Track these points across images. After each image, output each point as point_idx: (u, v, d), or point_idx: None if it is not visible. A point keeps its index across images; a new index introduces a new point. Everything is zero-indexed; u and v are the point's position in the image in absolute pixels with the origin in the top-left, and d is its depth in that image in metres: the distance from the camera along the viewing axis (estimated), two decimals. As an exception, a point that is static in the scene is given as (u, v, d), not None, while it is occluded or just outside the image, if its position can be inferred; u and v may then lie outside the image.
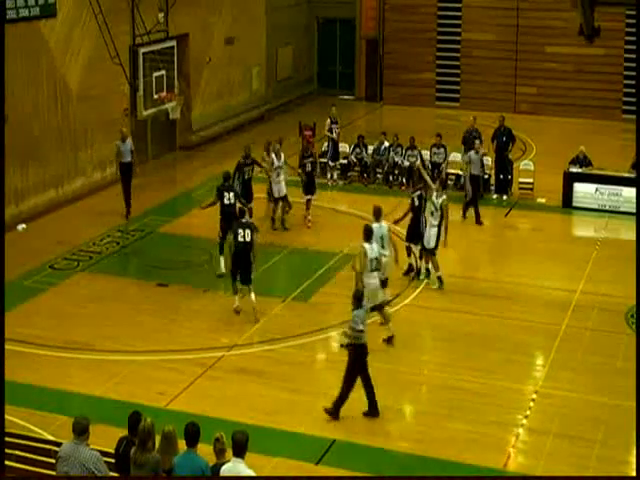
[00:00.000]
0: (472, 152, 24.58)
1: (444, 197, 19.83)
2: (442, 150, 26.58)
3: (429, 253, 19.96)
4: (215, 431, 10.47)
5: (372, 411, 14.81)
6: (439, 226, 19.70)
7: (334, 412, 14.68)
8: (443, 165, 26.50)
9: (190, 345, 17.31)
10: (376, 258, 16.97)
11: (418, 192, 20.02)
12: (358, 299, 14.93)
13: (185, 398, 15.42)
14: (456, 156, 26.61)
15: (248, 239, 18.13)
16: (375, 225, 17.63)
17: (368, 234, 17.07)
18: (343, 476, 13.29)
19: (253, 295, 18.23)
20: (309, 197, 23.44)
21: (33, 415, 14.64)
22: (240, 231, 18.14)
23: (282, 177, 22.92)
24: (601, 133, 32.02)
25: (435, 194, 19.86)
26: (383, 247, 17.61)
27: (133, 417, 10.64)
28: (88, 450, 10.00)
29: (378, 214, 17.96)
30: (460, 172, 26.23)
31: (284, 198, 22.99)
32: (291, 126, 31.10)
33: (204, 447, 10.35)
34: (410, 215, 20.10)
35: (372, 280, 16.91)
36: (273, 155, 23.01)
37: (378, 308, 17.23)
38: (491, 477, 13.40)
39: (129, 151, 24.02)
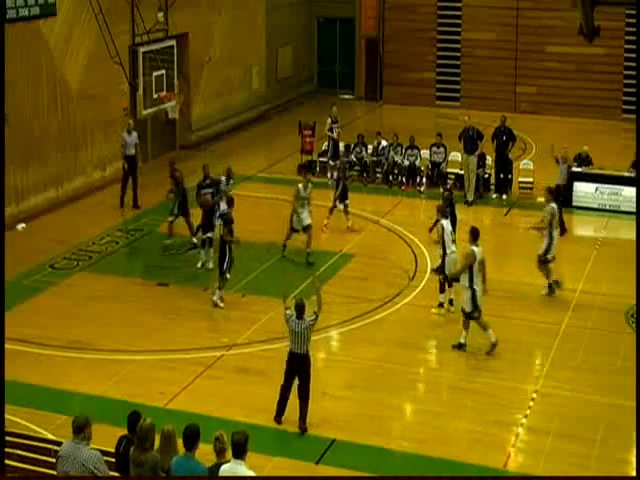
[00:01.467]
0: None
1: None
2: (442, 149, 26.64)
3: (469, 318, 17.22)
4: (214, 431, 10.44)
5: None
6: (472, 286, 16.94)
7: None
8: (443, 164, 26.56)
9: (190, 344, 17.31)
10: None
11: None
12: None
13: (185, 397, 15.42)
14: (455, 155, 26.62)
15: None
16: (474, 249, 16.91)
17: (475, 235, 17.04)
18: (343, 476, 13.28)
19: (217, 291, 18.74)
20: (345, 203, 23.04)
21: (33, 414, 14.64)
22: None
23: (306, 209, 21.32)
24: (601, 133, 32.00)
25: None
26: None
27: (132, 416, 10.64)
28: (88, 449, 9.97)
29: (476, 235, 16.99)
30: (460, 171, 26.24)
31: (306, 228, 21.35)
32: (291, 126, 31.08)
33: (204, 447, 10.32)
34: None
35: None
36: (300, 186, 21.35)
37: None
38: (491, 477, 13.38)
39: (134, 144, 24.17)
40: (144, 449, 9.96)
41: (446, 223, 18.35)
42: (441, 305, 18.58)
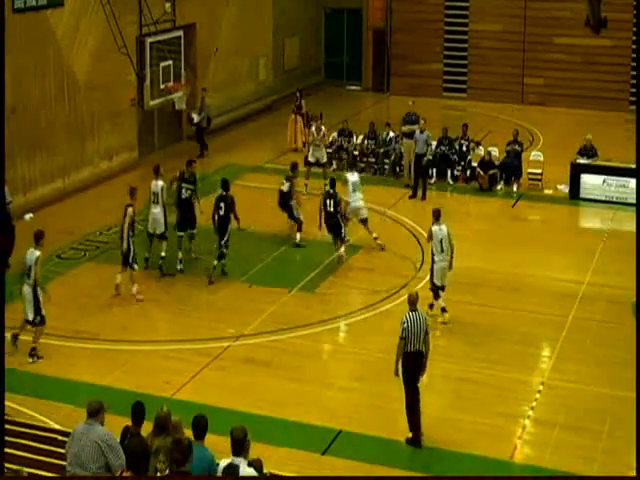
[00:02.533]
0: (417, 132, 24.94)
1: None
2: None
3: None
4: (221, 421, 10.45)
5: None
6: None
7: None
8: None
9: (196, 335, 17.32)
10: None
11: None
12: None
13: (191, 388, 15.44)
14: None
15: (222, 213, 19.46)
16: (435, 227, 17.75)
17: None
18: (343, 476, 13.22)
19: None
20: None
21: (40, 404, 14.68)
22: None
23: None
24: (609, 124, 31.91)
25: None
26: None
27: (136, 407, 10.67)
28: (101, 428, 10.06)
29: (436, 215, 17.79)
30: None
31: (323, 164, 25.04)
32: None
33: (210, 437, 10.33)
34: None
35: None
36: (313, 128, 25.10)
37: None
38: (491, 477, 13.34)
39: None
40: (160, 435, 10.07)
41: (437, 229, 17.81)
42: (444, 310, 18.05)
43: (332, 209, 20.40)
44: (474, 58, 36.45)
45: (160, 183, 19.84)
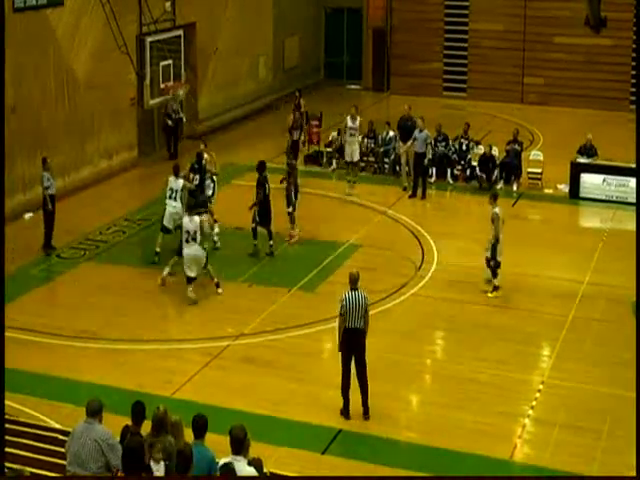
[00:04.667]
0: (416, 131, 24.94)
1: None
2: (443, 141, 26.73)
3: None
4: (221, 420, 10.46)
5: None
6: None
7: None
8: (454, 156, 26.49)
9: (196, 334, 17.33)
10: None
11: None
12: None
13: (191, 387, 15.45)
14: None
15: None
16: None
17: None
18: (343, 476, 13.22)
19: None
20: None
21: (40, 403, 14.69)
22: None
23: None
24: (609, 124, 31.92)
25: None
26: None
27: (137, 407, 10.67)
28: (101, 427, 10.08)
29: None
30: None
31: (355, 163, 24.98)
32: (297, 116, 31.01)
33: (210, 436, 10.34)
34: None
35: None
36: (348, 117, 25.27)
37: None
38: (491, 477, 13.35)
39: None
40: (160, 436, 10.08)
41: (499, 210, 18.82)
42: (496, 288, 18.91)
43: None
44: (474, 57, 36.46)
45: (180, 181, 20.17)
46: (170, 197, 20.27)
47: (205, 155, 21.68)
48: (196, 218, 18.65)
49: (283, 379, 15.74)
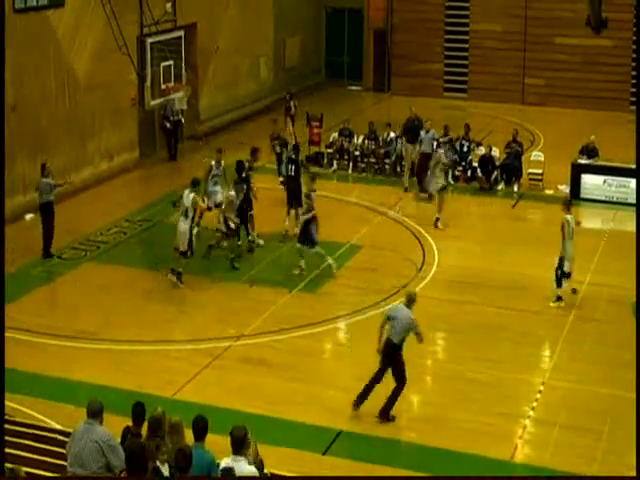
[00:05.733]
0: (422, 132, 25.08)
1: None
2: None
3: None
4: (222, 421, 10.45)
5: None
6: None
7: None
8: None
9: (197, 335, 17.33)
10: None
11: None
12: None
13: (192, 388, 15.45)
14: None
15: None
16: None
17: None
18: (343, 476, 13.23)
19: None
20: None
21: (40, 404, 14.69)
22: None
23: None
24: (609, 124, 31.89)
25: None
26: None
27: (137, 408, 10.67)
28: (102, 428, 10.08)
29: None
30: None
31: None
32: (298, 116, 31.01)
33: (210, 437, 10.34)
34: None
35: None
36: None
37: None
38: (491, 477, 13.35)
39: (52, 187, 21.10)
40: (157, 437, 10.07)
41: (570, 218, 18.64)
42: (559, 299, 18.66)
43: None
44: (475, 58, 36.46)
45: (192, 196, 19.09)
46: (182, 213, 19.24)
47: (246, 164, 21.36)
48: (191, 195, 18.92)
49: (284, 380, 15.74)
